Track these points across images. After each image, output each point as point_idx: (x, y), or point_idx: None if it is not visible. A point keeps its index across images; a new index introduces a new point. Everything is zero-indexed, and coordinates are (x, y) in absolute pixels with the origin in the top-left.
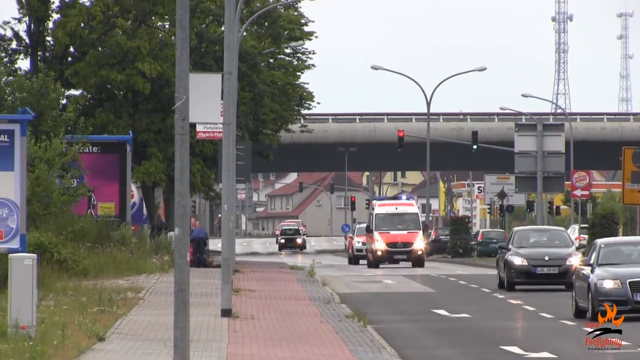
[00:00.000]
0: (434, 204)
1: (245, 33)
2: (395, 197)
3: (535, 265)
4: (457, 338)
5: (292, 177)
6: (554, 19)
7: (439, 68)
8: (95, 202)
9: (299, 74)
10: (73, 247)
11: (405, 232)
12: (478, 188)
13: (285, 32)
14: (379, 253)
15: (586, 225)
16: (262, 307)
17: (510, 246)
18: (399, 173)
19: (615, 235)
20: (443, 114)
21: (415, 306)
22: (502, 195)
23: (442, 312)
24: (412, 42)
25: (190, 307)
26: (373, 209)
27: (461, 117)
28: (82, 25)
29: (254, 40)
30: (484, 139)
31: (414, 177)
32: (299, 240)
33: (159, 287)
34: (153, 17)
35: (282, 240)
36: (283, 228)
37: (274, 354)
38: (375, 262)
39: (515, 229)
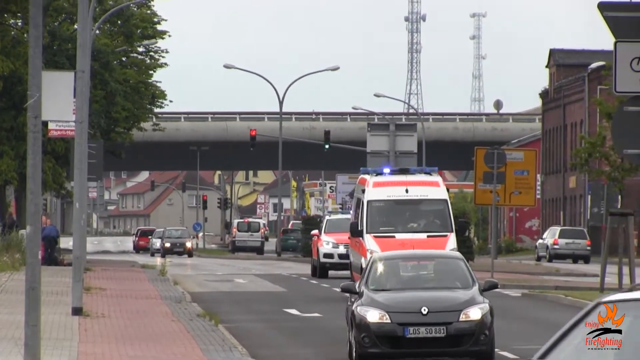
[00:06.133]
0: (286, 203)
1: (98, 31)
2: (403, 171)
3: (404, 324)
4: (309, 337)
5: (144, 175)
6: (407, 19)
7: (292, 68)
8: None
9: (151, 72)
10: None
11: (423, 235)
12: (330, 187)
13: (138, 31)
14: None
15: None
16: (113, 305)
17: (362, 288)
18: (251, 172)
19: (467, 236)
20: (295, 114)
21: (267, 305)
22: (353, 195)
23: (294, 311)
24: (266, 42)
25: (41, 305)
26: (363, 191)
27: (314, 116)
28: None
29: (107, 38)
30: (336, 138)
31: (266, 176)
32: (188, 244)
33: (9, 285)
34: (5, 15)
35: (167, 245)
36: (168, 229)
37: (125, 353)
38: None
39: (374, 255)
